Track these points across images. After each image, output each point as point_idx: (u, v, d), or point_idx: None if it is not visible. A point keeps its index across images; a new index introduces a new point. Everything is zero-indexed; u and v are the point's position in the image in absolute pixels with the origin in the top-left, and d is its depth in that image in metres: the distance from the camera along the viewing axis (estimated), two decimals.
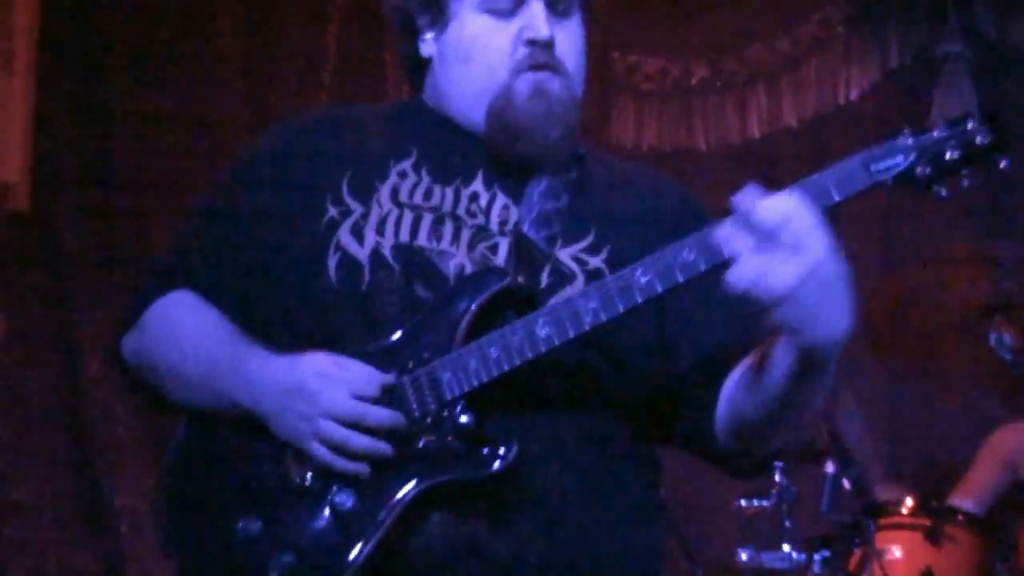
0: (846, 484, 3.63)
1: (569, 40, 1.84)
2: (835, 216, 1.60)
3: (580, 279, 1.76)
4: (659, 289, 1.61)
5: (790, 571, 3.65)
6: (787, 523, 3.66)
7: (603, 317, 1.64)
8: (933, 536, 3.57)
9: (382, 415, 1.65)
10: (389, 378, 1.68)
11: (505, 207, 1.83)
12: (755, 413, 1.73)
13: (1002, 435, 4.02)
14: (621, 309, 1.63)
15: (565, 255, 1.81)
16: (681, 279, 1.59)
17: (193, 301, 1.84)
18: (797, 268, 1.50)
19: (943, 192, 1.63)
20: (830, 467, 3.68)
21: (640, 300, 1.62)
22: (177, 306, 1.85)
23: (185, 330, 1.82)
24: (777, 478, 3.66)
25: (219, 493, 1.76)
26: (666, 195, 1.91)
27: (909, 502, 3.64)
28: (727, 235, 1.53)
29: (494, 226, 1.83)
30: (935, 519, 3.57)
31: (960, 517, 3.63)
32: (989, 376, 3.83)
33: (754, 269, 1.51)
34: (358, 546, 1.66)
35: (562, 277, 1.77)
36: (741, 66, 4.76)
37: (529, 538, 1.72)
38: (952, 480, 4.09)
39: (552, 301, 1.71)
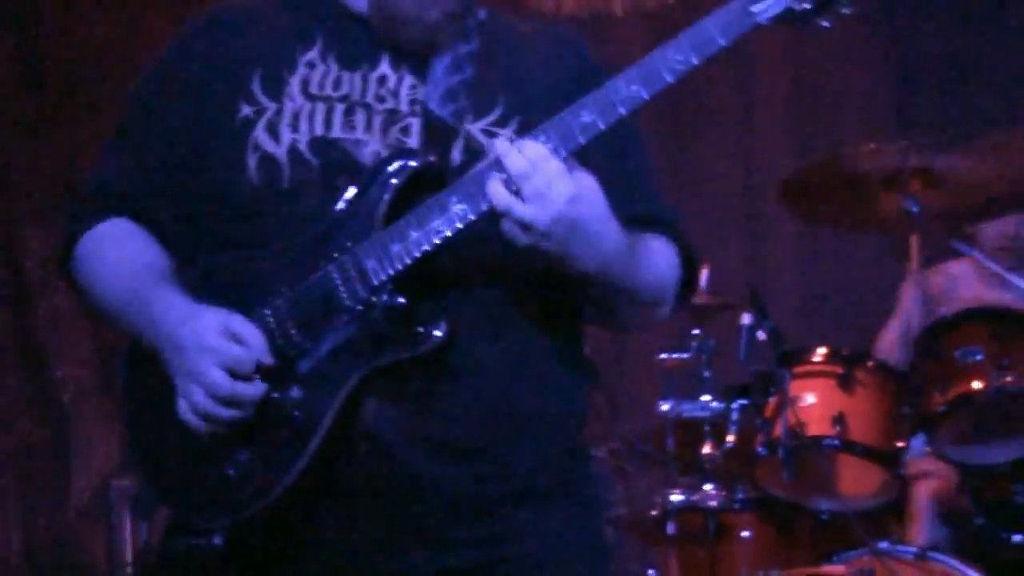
0: (761, 335, 3.70)
1: None
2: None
3: (491, 147, 1.78)
4: None
5: (710, 419, 3.74)
6: (706, 374, 3.75)
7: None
8: (845, 383, 3.58)
9: (246, 392, 1.69)
10: (267, 358, 1.71)
11: (413, 87, 1.83)
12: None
13: (929, 273, 4.16)
14: None
15: (475, 129, 1.82)
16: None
17: (122, 233, 1.87)
18: (541, 214, 1.62)
19: (825, 23, 1.68)
20: (746, 319, 3.73)
21: None
22: (105, 241, 1.88)
23: (108, 269, 1.86)
24: (696, 331, 3.76)
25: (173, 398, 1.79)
26: (567, 57, 1.92)
27: (822, 350, 3.69)
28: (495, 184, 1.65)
29: (404, 107, 1.83)
30: (847, 366, 3.59)
31: (870, 364, 3.66)
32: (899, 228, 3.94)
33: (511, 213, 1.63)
34: (308, 437, 1.70)
35: (474, 152, 1.79)
36: None
37: (460, 416, 1.77)
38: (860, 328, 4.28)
39: (464, 175, 1.74)
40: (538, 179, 1.64)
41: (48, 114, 4.52)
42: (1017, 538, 3.67)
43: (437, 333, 1.72)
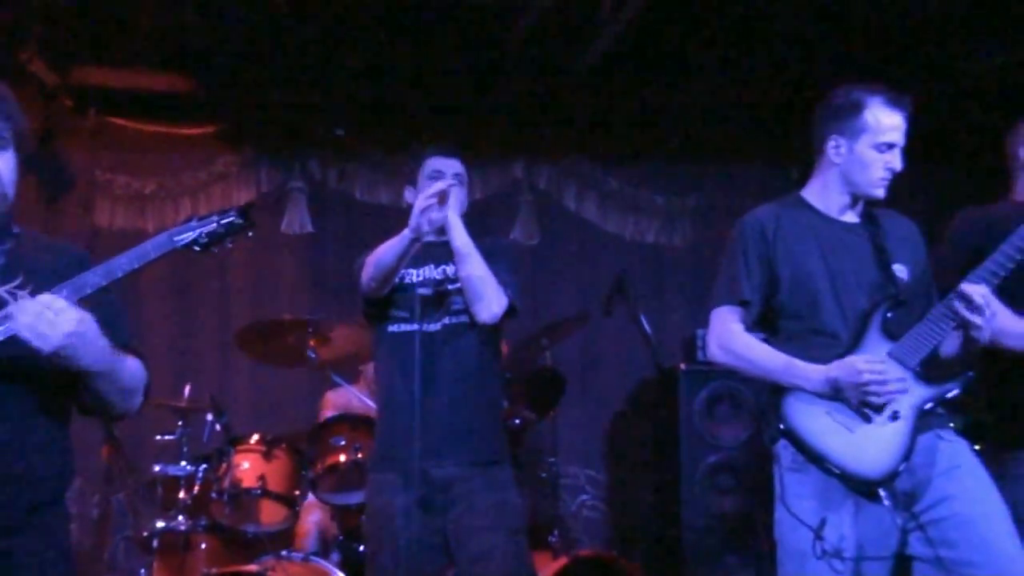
0: (218, 427, 4.71)
1: (3, 164, 2.21)
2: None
3: (12, 302, 2.11)
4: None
5: (185, 477, 4.60)
6: (184, 449, 4.70)
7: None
8: (267, 456, 4.53)
9: None
10: None
11: None
12: (93, 394, 2.22)
13: (332, 395, 5.19)
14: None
15: (2, 291, 2.14)
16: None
17: None
18: (51, 336, 1.99)
19: (215, 250, 2.15)
20: (209, 416, 4.75)
21: None
22: None
23: None
24: (180, 423, 4.73)
25: None
26: (71, 255, 2.31)
27: (255, 436, 4.56)
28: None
29: None
30: (269, 446, 4.54)
31: (284, 445, 4.51)
32: (310, 366, 4.89)
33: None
34: None
35: (3, 303, 2.13)
36: (176, 184, 6.08)
37: None
38: (285, 418, 5.38)
39: None
40: (48, 314, 1.97)
41: None
42: (357, 546, 4.49)
43: None
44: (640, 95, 6.20)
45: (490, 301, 3.40)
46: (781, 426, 2.90)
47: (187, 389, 4.87)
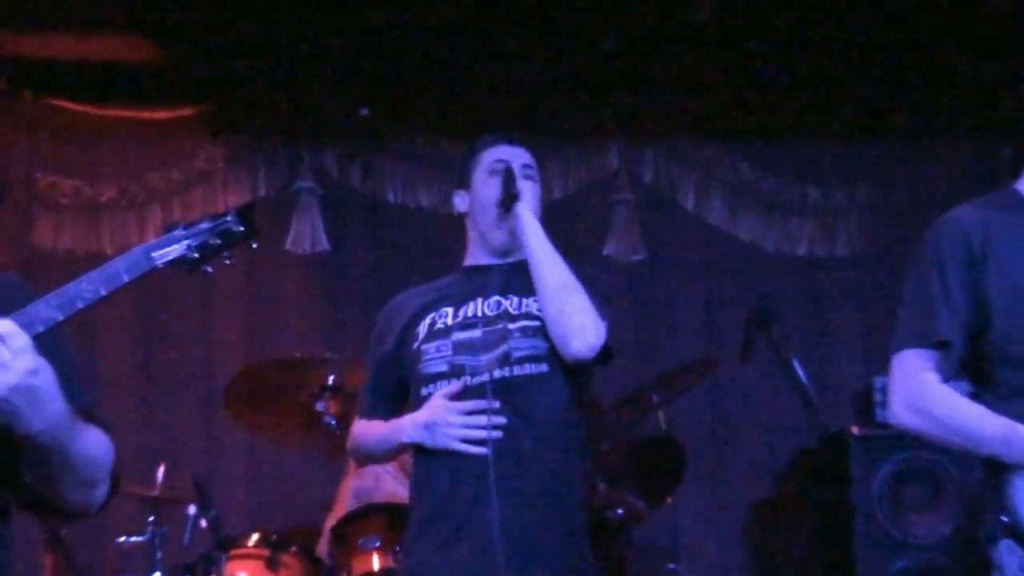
0: (203, 523, 4.70)
1: None
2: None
3: None
4: None
5: None
6: (158, 555, 4.70)
7: None
8: (271, 563, 4.59)
9: None
10: None
11: None
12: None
13: (361, 472, 5.02)
14: None
15: None
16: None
17: None
18: (3, 380, 2.03)
19: (209, 269, 2.19)
20: (192, 509, 4.73)
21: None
22: None
23: None
24: (151, 518, 4.74)
25: None
26: (15, 288, 2.33)
27: (255, 536, 4.66)
28: None
29: None
30: (273, 550, 4.60)
31: (293, 548, 4.64)
32: (318, 437, 4.95)
33: None
34: None
35: None
36: (142, 189, 6.20)
37: None
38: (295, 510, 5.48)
39: None
40: (3, 352, 2.02)
41: None
42: None
43: None
44: (780, 51, 6.20)
45: (584, 327, 3.38)
46: (1005, 519, 2.85)
47: (160, 471, 4.95)
